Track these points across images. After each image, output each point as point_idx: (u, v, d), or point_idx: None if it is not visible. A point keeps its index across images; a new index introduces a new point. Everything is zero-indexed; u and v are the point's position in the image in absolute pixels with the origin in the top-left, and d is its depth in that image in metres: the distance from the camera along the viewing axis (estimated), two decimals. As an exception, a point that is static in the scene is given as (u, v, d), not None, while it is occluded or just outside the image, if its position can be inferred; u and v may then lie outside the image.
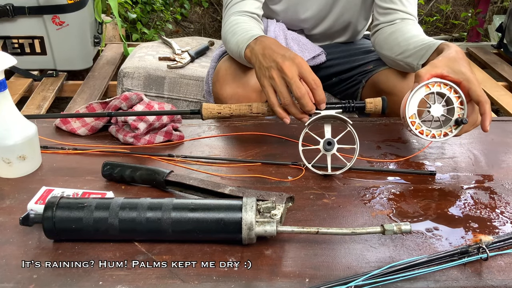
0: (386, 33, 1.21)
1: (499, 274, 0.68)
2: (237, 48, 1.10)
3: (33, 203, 0.78)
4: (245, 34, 1.09)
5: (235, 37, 1.12)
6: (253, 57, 1.00)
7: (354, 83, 1.40)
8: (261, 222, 0.70)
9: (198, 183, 0.82)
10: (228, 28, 1.18)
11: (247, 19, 1.20)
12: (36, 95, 2.14)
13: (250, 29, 1.12)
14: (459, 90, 0.89)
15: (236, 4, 1.22)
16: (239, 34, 1.11)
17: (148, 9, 3.35)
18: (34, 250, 0.71)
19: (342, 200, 0.85)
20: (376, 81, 1.30)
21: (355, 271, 0.68)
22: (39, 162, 0.95)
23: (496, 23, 2.97)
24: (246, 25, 1.15)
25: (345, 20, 1.41)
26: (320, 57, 1.42)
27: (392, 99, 1.22)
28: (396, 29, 1.20)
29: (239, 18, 1.19)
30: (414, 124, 0.91)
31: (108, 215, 0.70)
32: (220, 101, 1.20)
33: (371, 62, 1.37)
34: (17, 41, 2.25)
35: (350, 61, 1.42)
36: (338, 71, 1.44)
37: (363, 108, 0.97)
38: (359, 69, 1.38)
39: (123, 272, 0.67)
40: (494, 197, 0.86)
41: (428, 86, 0.90)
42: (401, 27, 1.19)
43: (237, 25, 1.16)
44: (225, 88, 1.19)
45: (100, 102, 1.07)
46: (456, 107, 0.90)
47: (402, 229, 0.68)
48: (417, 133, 0.90)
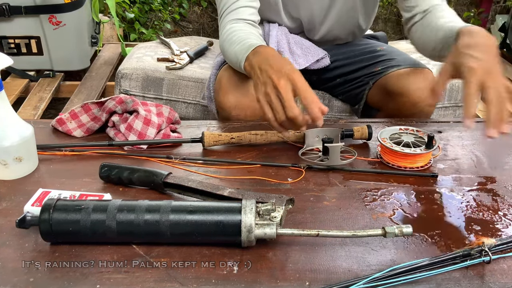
0: (417, 34, 1.20)
1: (502, 277, 0.67)
2: (236, 59, 1.08)
3: (29, 205, 0.78)
4: (243, 44, 1.08)
5: (232, 47, 1.11)
6: (251, 70, 1.00)
7: (360, 84, 1.39)
8: (260, 225, 0.70)
9: (197, 185, 0.82)
10: (225, 37, 1.17)
11: (242, 25, 1.19)
12: (33, 96, 2.13)
13: (246, 37, 1.11)
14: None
15: (230, 13, 1.20)
16: (237, 43, 1.10)
17: (146, 8, 3.34)
18: (30, 252, 0.71)
19: (343, 202, 0.84)
20: (385, 83, 1.30)
21: (356, 274, 0.67)
22: (36, 163, 0.94)
23: (499, 23, 2.96)
24: (242, 33, 1.14)
25: (346, 22, 1.40)
26: (324, 60, 1.41)
27: (402, 100, 1.22)
28: (424, 26, 1.18)
29: (235, 26, 1.18)
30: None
31: (105, 218, 0.70)
32: (223, 110, 1.19)
33: (378, 63, 1.36)
34: (13, 41, 2.23)
35: (355, 61, 1.41)
36: (343, 72, 1.43)
37: (351, 136, 1.04)
38: (365, 70, 1.38)
39: (120, 275, 0.67)
40: (497, 199, 0.86)
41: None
42: (426, 23, 1.17)
43: (233, 34, 1.14)
44: (228, 97, 1.18)
45: (96, 102, 1.06)
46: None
47: (403, 232, 0.68)
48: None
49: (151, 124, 1.02)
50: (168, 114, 1.07)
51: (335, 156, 0.93)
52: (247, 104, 1.16)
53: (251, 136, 1.01)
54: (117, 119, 1.04)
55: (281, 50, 1.36)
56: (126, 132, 1.01)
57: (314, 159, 0.96)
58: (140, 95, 1.75)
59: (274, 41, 1.36)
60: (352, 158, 0.96)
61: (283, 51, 1.36)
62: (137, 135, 1.01)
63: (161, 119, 1.04)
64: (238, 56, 1.07)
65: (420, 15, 1.18)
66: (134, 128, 1.01)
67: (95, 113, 1.06)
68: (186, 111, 1.76)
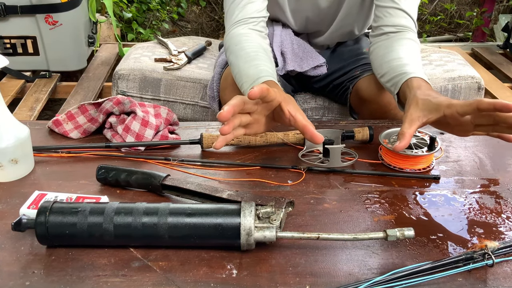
0: (374, 51, 1.18)
1: (505, 281, 0.67)
2: (239, 80, 1.06)
3: (25, 208, 0.77)
4: (250, 67, 1.04)
5: (237, 62, 1.08)
6: None
7: (344, 89, 1.39)
8: (260, 228, 0.69)
9: (195, 187, 0.81)
10: (230, 42, 1.14)
11: (250, 37, 1.15)
12: (29, 97, 2.12)
13: (254, 56, 1.07)
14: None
15: (239, 8, 1.17)
16: (243, 62, 1.06)
17: (144, 8, 3.34)
18: (26, 256, 0.71)
19: (344, 205, 0.83)
20: (359, 88, 1.29)
21: (357, 278, 0.67)
22: (32, 165, 0.94)
23: (502, 22, 2.96)
24: (250, 48, 1.10)
25: (346, 26, 1.40)
26: (321, 69, 1.41)
27: (372, 107, 1.21)
28: (380, 46, 1.16)
29: (242, 35, 1.14)
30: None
31: (102, 220, 0.70)
32: None
33: (359, 67, 1.35)
34: (9, 41, 2.23)
35: (343, 66, 1.41)
36: (333, 78, 1.43)
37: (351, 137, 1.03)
38: (348, 74, 1.37)
39: (118, 279, 0.66)
40: (500, 202, 0.85)
41: None
42: (383, 45, 1.15)
43: (239, 46, 1.11)
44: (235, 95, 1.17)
45: (93, 103, 1.05)
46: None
47: (405, 235, 0.68)
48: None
49: (148, 125, 1.01)
50: (166, 115, 1.06)
51: (336, 158, 0.93)
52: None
53: (251, 138, 1.01)
54: (114, 120, 1.03)
55: (284, 50, 1.36)
56: (124, 133, 1.00)
57: (314, 161, 0.95)
58: (138, 96, 1.75)
59: (278, 41, 1.36)
60: (353, 160, 0.95)
61: (286, 51, 1.36)
62: (134, 136, 1.00)
63: (159, 120, 1.04)
64: (243, 83, 1.04)
65: (384, 35, 1.17)
66: (131, 129, 1.00)
67: (92, 114, 1.05)
68: (184, 112, 1.75)
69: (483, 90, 1.72)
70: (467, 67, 1.80)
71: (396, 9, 1.16)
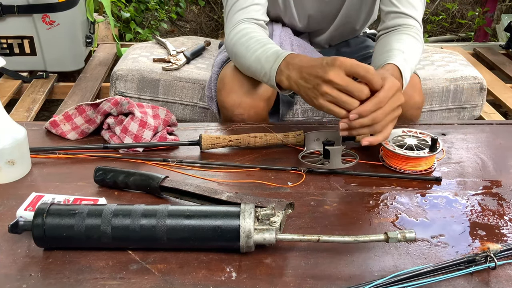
0: (374, 49, 1.20)
1: (508, 283, 0.67)
2: (260, 67, 1.03)
3: (22, 210, 0.77)
4: (265, 50, 1.03)
5: (250, 53, 1.06)
6: (293, 85, 0.96)
7: None
8: (259, 230, 0.69)
9: (194, 189, 0.81)
10: (237, 38, 1.12)
11: (255, 27, 1.15)
12: (26, 98, 2.12)
13: (266, 41, 1.07)
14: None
15: (239, 11, 1.16)
16: (257, 49, 1.06)
17: (142, 8, 3.33)
18: (23, 258, 0.71)
19: (344, 207, 0.83)
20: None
21: (357, 280, 0.67)
22: (29, 167, 0.93)
23: (505, 22, 2.96)
24: (260, 36, 1.10)
25: (347, 23, 1.39)
26: None
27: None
28: (378, 43, 1.19)
29: (248, 28, 1.13)
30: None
31: (100, 223, 0.70)
32: (225, 109, 1.17)
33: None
34: (5, 41, 2.22)
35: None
36: None
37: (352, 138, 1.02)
38: None
39: (116, 282, 0.66)
40: (502, 204, 0.85)
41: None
42: (382, 41, 1.17)
43: (248, 36, 1.10)
44: (232, 96, 1.16)
45: (91, 104, 1.05)
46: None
47: (406, 237, 0.67)
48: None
49: (147, 126, 1.00)
50: (165, 116, 1.05)
51: (336, 159, 0.92)
52: (251, 104, 1.15)
53: (250, 139, 1.00)
54: (112, 121, 1.03)
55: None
56: (122, 134, 1.00)
57: (314, 162, 0.95)
58: (136, 97, 1.74)
59: (277, 41, 1.35)
60: (354, 162, 0.94)
61: None
62: (132, 137, 0.99)
63: (157, 121, 1.03)
64: (264, 64, 1.02)
65: (384, 30, 1.20)
66: (129, 130, 0.99)
67: (90, 115, 1.05)
68: (183, 113, 1.74)
69: (485, 91, 1.72)
70: (469, 67, 1.80)
71: (400, 13, 1.18)
